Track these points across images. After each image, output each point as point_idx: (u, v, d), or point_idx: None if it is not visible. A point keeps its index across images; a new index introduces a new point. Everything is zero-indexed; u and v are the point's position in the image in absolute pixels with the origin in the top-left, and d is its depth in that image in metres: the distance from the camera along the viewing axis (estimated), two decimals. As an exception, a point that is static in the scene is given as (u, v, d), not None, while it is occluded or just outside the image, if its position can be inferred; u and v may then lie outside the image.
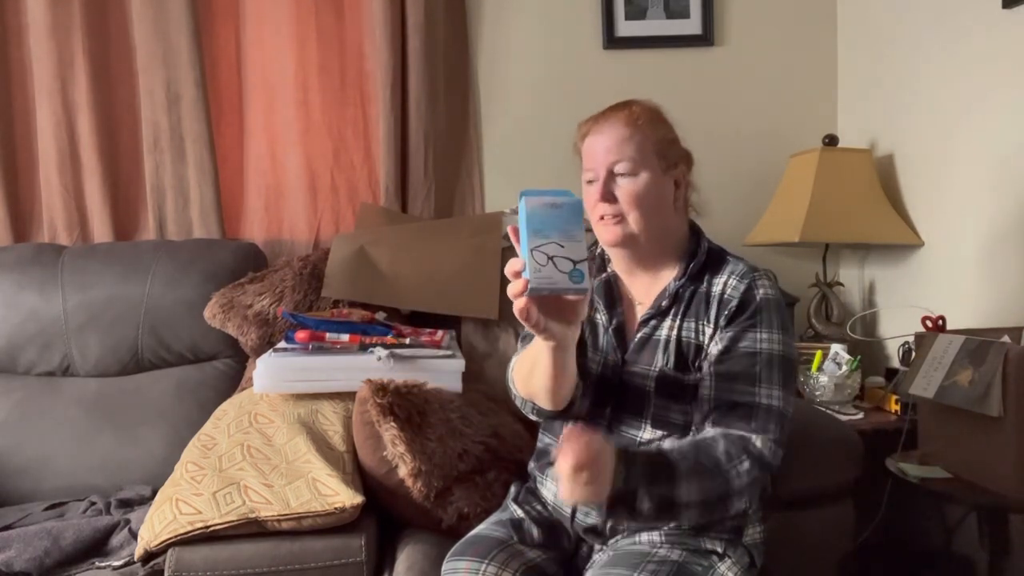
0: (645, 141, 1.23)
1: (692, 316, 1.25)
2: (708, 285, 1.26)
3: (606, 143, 1.24)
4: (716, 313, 1.23)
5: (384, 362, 1.55)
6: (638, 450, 1.20)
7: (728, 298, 1.23)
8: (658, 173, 1.24)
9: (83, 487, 1.79)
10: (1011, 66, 1.79)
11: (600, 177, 1.24)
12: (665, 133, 1.27)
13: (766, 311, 1.21)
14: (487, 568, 1.20)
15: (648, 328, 1.27)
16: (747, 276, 1.24)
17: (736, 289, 1.23)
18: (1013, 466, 1.41)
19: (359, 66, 2.35)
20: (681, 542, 1.21)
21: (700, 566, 1.18)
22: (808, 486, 1.52)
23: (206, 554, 1.32)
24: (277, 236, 2.33)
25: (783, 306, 1.25)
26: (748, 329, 1.20)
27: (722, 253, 1.31)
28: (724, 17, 2.44)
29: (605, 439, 1.08)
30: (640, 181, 1.22)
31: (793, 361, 1.23)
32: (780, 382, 1.19)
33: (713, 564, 1.20)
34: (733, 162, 2.35)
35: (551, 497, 1.33)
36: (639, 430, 1.25)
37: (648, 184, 1.23)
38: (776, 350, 1.20)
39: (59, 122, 2.19)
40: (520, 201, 1.01)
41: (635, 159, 1.22)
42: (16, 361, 1.96)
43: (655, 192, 1.24)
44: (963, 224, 1.96)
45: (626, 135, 1.23)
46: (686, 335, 1.24)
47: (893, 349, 2.16)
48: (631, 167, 1.22)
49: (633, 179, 1.23)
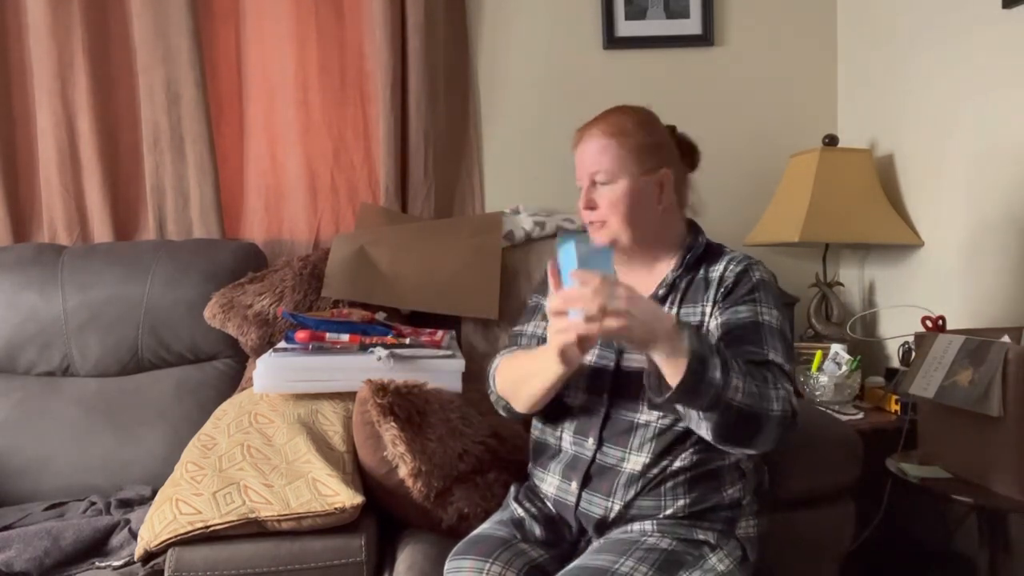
0: (621, 149, 1.30)
1: (689, 302, 1.30)
2: (706, 272, 1.31)
3: (588, 153, 1.32)
4: (714, 293, 1.28)
5: (384, 362, 1.55)
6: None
7: (726, 278, 1.28)
8: (636, 179, 1.30)
9: (83, 487, 1.79)
10: (1011, 66, 1.79)
11: (584, 186, 1.32)
12: (643, 138, 1.31)
13: (764, 291, 1.27)
14: (491, 567, 1.20)
15: None
16: (743, 261, 1.30)
17: (733, 271, 1.29)
18: (1013, 466, 1.41)
19: (359, 66, 2.35)
20: (673, 532, 1.22)
21: (690, 555, 1.19)
22: (808, 486, 1.52)
23: (206, 554, 1.32)
24: (277, 236, 2.33)
25: (779, 295, 1.30)
26: (748, 302, 1.25)
27: (720, 247, 1.36)
28: (724, 17, 2.44)
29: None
30: (618, 188, 1.29)
31: (790, 340, 1.27)
32: (784, 350, 1.23)
33: (704, 555, 1.21)
34: (733, 162, 2.35)
35: (552, 491, 1.34)
36: (637, 412, 1.27)
37: (625, 191, 1.29)
38: (776, 324, 1.25)
39: (59, 122, 2.19)
40: (565, 243, 1.13)
41: (611, 169, 1.29)
42: (16, 361, 1.96)
43: (633, 197, 1.29)
44: (963, 224, 1.96)
45: (603, 145, 1.30)
46: (684, 319, 1.27)
47: (893, 349, 2.16)
48: (608, 176, 1.30)
49: (612, 187, 1.30)
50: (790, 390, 1.18)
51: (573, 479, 1.29)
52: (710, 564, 1.20)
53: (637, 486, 1.24)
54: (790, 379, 1.21)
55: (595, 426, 1.30)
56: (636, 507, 1.24)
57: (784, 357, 1.22)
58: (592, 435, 1.29)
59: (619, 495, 1.25)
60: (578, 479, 1.28)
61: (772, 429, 1.14)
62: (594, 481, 1.27)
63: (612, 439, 1.28)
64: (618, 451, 1.27)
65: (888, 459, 1.65)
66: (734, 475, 1.28)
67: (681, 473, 1.24)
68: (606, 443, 1.28)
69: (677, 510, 1.23)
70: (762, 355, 1.21)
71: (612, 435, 1.28)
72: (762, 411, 1.13)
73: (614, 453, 1.27)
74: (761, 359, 1.20)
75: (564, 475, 1.31)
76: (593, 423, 1.30)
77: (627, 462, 1.26)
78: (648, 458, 1.24)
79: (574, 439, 1.32)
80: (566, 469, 1.31)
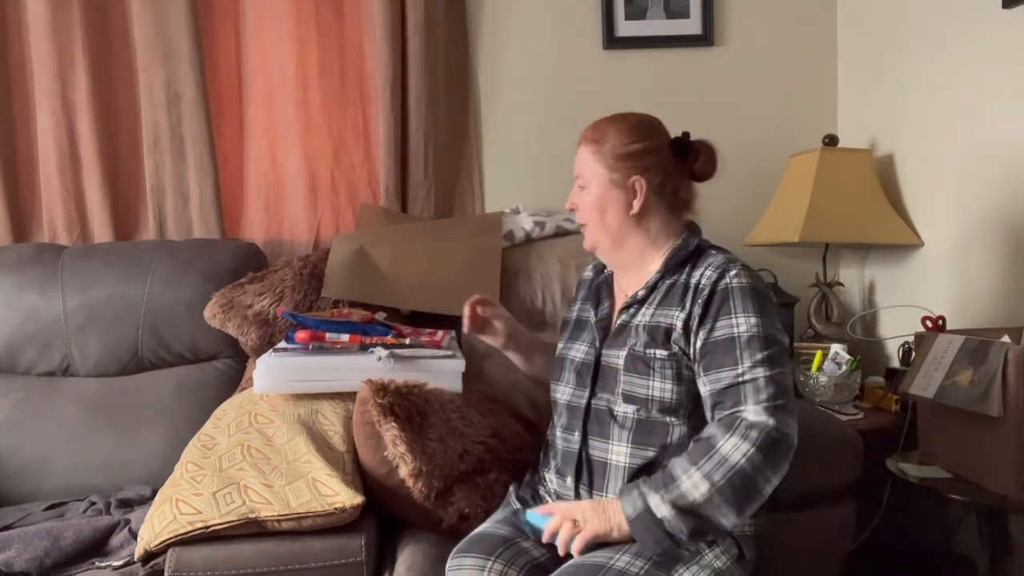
0: (596, 156, 1.35)
1: (667, 304, 1.31)
2: (687, 277, 1.31)
3: (577, 158, 1.39)
4: (691, 301, 1.28)
5: (384, 362, 1.55)
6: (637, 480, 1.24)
7: (701, 288, 1.28)
8: (606, 185, 1.35)
9: (83, 487, 1.79)
10: (1011, 66, 1.79)
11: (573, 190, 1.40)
12: (621, 147, 1.34)
13: (737, 298, 1.25)
14: (493, 565, 1.22)
15: (626, 315, 1.35)
16: (720, 267, 1.29)
17: (709, 279, 1.28)
18: (1013, 466, 1.41)
19: (359, 66, 2.35)
20: None
21: (687, 551, 1.20)
22: (808, 486, 1.52)
23: (206, 554, 1.32)
24: (277, 236, 2.33)
25: (760, 293, 1.27)
26: (722, 317, 1.25)
27: (708, 248, 1.35)
28: (724, 17, 2.44)
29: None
30: (589, 194, 1.36)
31: (774, 339, 1.23)
32: (764, 358, 1.21)
33: (700, 551, 1.22)
34: (733, 162, 2.31)
35: (553, 488, 1.36)
36: (613, 404, 1.30)
37: (594, 196, 1.36)
38: (753, 332, 1.22)
39: (59, 122, 2.19)
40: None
41: (584, 175, 1.37)
42: (16, 361, 1.96)
43: (601, 203, 1.35)
44: (963, 224, 1.96)
45: (582, 152, 1.38)
46: (656, 321, 1.30)
47: (893, 349, 2.16)
48: (583, 181, 1.38)
49: (586, 192, 1.37)
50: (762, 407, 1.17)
51: (567, 474, 1.32)
52: (706, 560, 1.21)
53: (624, 478, 1.26)
54: (774, 382, 1.19)
55: (579, 420, 1.33)
56: None
57: (765, 362, 1.20)
58: (577, 429, 1.33)
59: (610, 488, 1.27)
60: (572, 474, 1.31)
61: (763, 466, 1.15)
62: (587, 476, 1.30)
63: (595, 432, 1.31)
64: (602, 443, 1.30)
65: (888, 459, 1.64)
66: None
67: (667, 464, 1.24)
68: (590, 436, 1.31)
69: None
70: (736, 378, 1.20)
71: (595, 428, 1.31)
72: (732, 471, 1.14)
73: (599, 446, 1.30)
74: (734, 382, 1.20)
75: (559, 471, 1.35)
76: (577, 417, 1.33)
77: (611, 454, 1.28)
78: (629, 448, 1.26)
79: (563, 435, 1.36)
80: (561, 465, 1.35)
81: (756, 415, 1.17)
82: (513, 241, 2.10)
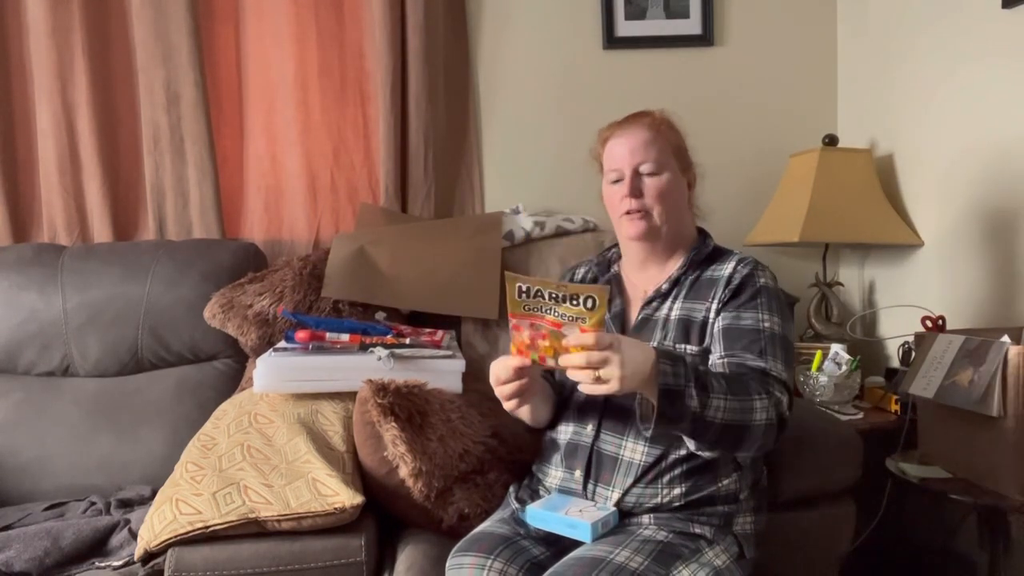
0: (666, 144, 1.38)
1: (693, 297, 1.34)
2: (712, 272, 1.36)
3: (631, 145, 1.36)
4: (721, 291, 1.32)
5: (384, 362, 1.55)
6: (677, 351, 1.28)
7: (732, 278, 1.33)
8: (677, 174, 1.39)
9: (83, 487, 1.79)
10: (1011, 65, 1.79)
11: (626, 176, 1.36)
12: (680, 140, 1.42)
13: (767, 296, 1.31)
14: (493, 563, 1.22)
15: (649, 309, 1.37)
16: (750, 264, 1.35)
17: (739, 273, 1.33)
18: (1012, 466, 1.41)
19: (359, 66, 2.34)
20: (669, 525, 1.24)
21: (687, 548, 1.21)
22: (808, 486, 1.52)
23: (206, 554, 1.32)
24: (277, 236, 2.33)
25: (782, 298, 1.34)
26: (751, 308, 1.29)
27: (728, 250, 1.42)
28: (724, 17, 2.44)
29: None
30: (663, 179, 1.36)
31: (790, 343, 1.31)
32: (783, 358, 1.27)
33: (700, 548, 1.22)
34: (733, 162, 2.35)
35: (556, 483, 1.35)
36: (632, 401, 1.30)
37: (670, 182, 1.37)
38: (778, 331, 1.29)
39: (59, 122, 2.19)
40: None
41: (659, 160, 1.36)
42: (16, 361, 1.96)
43: (675, 190, 1.38)
44: (963, 224, 1.96)
45: (649, 138, 1.36)
46: (686, 314, 1.33)
47: (893, 349, 2.16)
48: (655, 167, 1.36)
49: (658, 178, 1.36)
50: (781, 397, 1.22)
51: (576, 468, 1.31)
52: (706, 558, 1.21)
53: (636, 473, 1.26)
54: (785, 385, 1.25)
55: (595, 414, 1.33)
56: (634, 495, 1.26)
57: (782, 363, 1.26)
58: (592, 423, 1.33)
59: (619, 484, 1.27)
60: (581, 467, 1.31)
61: (755, 437, 1.18)
62: (596, 470, 1.30)
63: (610, 427, 1.31)
64: (616, 439, 1.30)
65: (888, 459, 1.64)
66: (728, 467, 1.30)
67: (677, 465, 1.27)
68: (604, 431, 1.31)
69: (674, 499, 1.26)
70: (757, 363, 1.25)
71: (610, 423, 1.31)
72: (743, 423, 1.17)
73: (612, 441, 1.30)
74: (754, 366, 1.24)
75: (567, 465, 1.34)
76: (593, 412, 1.33)
77: (624, 450, 1.29)
78: (644, 446, 1.27)
79: (574, 429, 1.35)
80: (567, 459, 1.34)
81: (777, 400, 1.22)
82: (513, 241, 2.10)
